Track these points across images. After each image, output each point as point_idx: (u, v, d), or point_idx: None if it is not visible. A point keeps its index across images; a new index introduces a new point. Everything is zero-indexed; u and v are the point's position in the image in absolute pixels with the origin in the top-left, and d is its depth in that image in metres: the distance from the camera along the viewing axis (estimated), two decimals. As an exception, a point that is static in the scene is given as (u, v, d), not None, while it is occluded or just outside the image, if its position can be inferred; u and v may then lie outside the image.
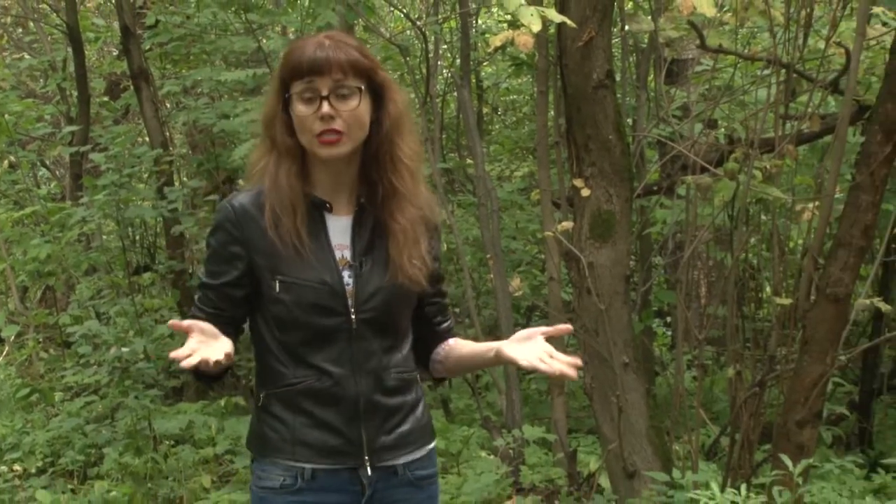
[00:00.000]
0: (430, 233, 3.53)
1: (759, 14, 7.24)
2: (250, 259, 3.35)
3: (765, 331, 7.62)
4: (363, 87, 3.30)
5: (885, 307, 7.01)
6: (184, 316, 10.35)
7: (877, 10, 7.28)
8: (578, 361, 3.23)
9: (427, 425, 3.59)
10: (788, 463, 5.98)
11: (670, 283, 10.76)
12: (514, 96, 13.26)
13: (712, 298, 9.42)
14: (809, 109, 7.32)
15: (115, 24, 10.60)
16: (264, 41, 10.20)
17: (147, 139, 10.41)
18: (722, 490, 5.77)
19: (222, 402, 8.84)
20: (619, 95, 7.46)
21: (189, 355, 2.99)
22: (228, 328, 3.37)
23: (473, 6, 10.01)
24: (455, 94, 10.44)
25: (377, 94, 3.37)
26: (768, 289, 8.54)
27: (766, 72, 7.64)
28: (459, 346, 3.66)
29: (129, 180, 10.10)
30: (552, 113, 8.39)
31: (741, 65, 8.25)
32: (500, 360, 3.43)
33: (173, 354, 3.01)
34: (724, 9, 7.22)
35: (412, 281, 3.38)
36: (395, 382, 3.44)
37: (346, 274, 3.36)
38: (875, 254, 7.44)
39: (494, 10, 10.74)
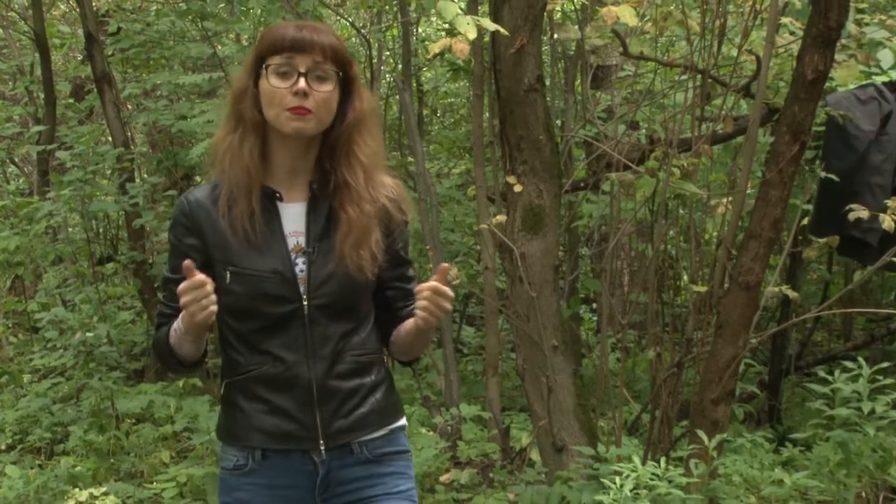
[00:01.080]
0: (389, 226, 3.36)
1: (677, 23, 7.28)
2: (206, 251, 3.21)
3: (682, 316, 7.66)
4: (339, 75, 3.18)
5: (792, 294, 7.06)
6: (144, 304, 10.31)
7: (785, 20, 7.33)
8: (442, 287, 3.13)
9: (390, 406, 3.40)
10: (704, 438, 6.02)
11: (596, 272, 10.80)
12: (452, 99, 13.27)
13: (634, 286, 9.46)
14: (723, 112, 7.35)
15: (80, 31, 10.52)
16: (219, 47, 10.17)
17: (110, 138, 10.32)
18: (643, 463, 5.80)
19: (180, 383, 8.80)
20: (548, 99, 7.47)
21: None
22: None
23: (414, 15, 10.00)
24: (397, 96, 10.43)
25: (347, 88, 3.24)
26: (685, 277, 8.60)
27: (684, 77, 7.67)
28: (399, 327, 3.45)
29: (92, 177, 10.21)
30: (487, 115, 8.41)
31: (661, 70, 8.29)
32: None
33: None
34: (645, 18, 7.23)
35: (357, 270, 3.20)
36: (352, 365, 3.27)
37: (300, 260, 3.22)
38: (783, 245, 7.48)
39: (434, 19, 10.73)
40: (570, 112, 9.20)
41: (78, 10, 10.21)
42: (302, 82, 3.10)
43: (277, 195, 3.24)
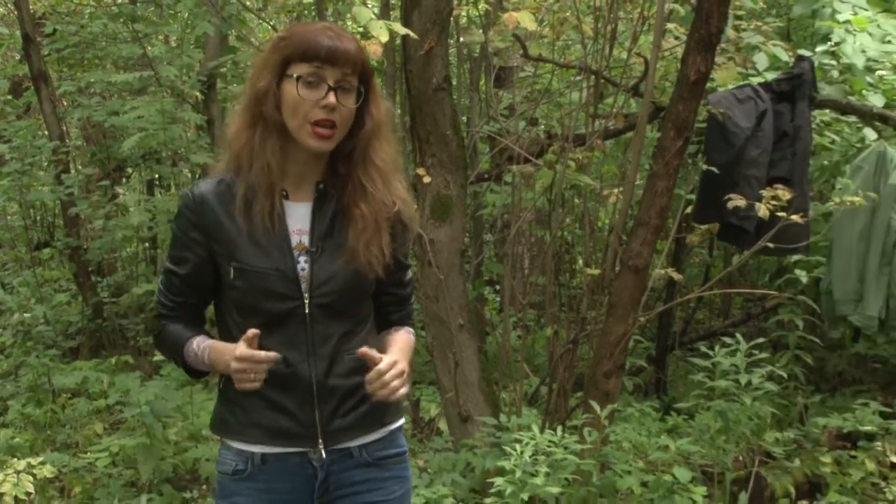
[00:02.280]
0: (396, 230, 3.19)
1: (572, 28, 7.33)
2: (209, 245, 3.04)
3: (577, 296, 7.70)
4: (362, 89, 3.02)
5: (677, 276, 7.12)
6: (79, 286, 10.17)
7: (670, 25, 7.39)
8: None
9: (389, 406, 3.18)
10: (597, 408, 6.06)
11: (498, 257, 10.83)
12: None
13: (534, 269, 9.48)
14: (614, 110, 7.41)
15: (17, 33, 10.38)
16: (149, 48, 10.08)
17: (46, 133, 10.23)
18: (541, 431, 5.84)
19: (113, 361, 8.71)
20: (455, 97, 7.47)
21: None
22: (196, 313, 3.18)
23: (331, 19, 9.95)
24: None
25: (365, 96, 3.05)
26: (580, 261, 8.64)
27: (579, 77, 7.71)
28: (396, 340, 3.28)
29: (30, 168, 10.16)
30: (399, 111, 8.39)
31: (557, 71, 8.32)
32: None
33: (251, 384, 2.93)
34: (544, 23, 7.26)
35: (368, 267, 3.05)
36: (353, 364, 3.05)
37: (302, 259, 3.04)
38: (669, 231, 7.54)
39: (349, 22, 10.68)
40: (475, 109, 9.20)
41: (16, 12, 10.08)
42: (332, 97, 2.93)
43: (284, 193, 3.07)
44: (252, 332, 2.87)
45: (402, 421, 3.28)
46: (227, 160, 3.10)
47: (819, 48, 8.22)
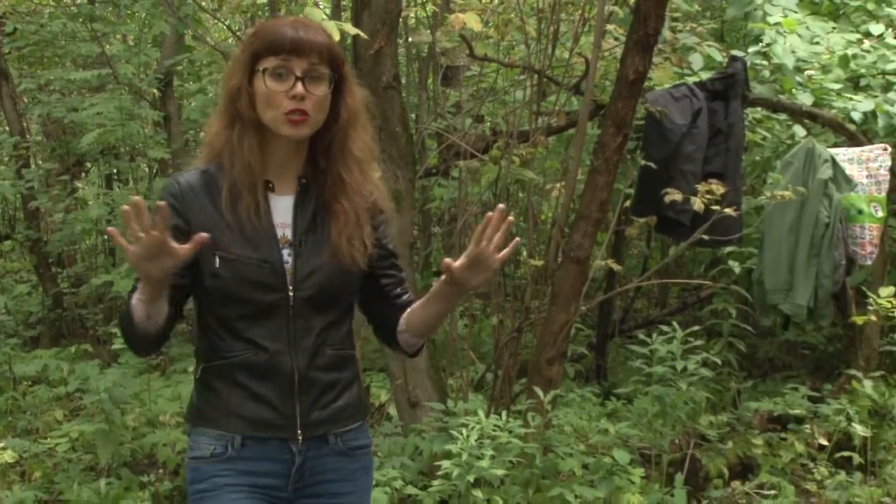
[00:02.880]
0: (375, 220, 3.09)
1: (517, 29, 7.33)
2: (191, 234, 2.76)
3: (521, 287, 7.70)
4: (332, 77, 2.90)
5: (616, 267, 7.16)
6: (39, 278, 10.08)
7: (610, 27, 7.41)
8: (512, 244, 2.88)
9: (361, 402, 3.15)
10: (540, 393, 6.08)
11: (446, 248, 10.82)
12: (318, 94, 13.17)
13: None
14: (556, 107, 7.42)
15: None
16: (107, 47, 10.00)
17: (7, 128, 10.15)
18: (487, 416, 5.84)
19: (73, 349, 8.66)
20: (404, 95, 7.46)
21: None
22: (171, 302, 2.94)
23: (285, 16, 9.90)
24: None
25: (339, 86, 2.95)
26: (524, 252, 8.66)
27: (522, 76, 7.71)
28: (417, 304, 3.13)
29: None
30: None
31: (502, 71, 8.33)
32: (453, 285, 2.95)
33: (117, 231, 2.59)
34: (489, 24, 7.26)
35: (351, 261, 2.95)
36: (332, 359, 2.99)
37: (285, 252, 2.93)
38: (609, 224, 7.56)
39: (301, 22, 10.62)
40: (424, 107, 9.20)
41: None
42: (299, 86, 2.83)
43: (270, 185, 2.97)
44: (162, 203, 2.64)
45: (366, 419, 3.22)
46: (206, 158, 3.00)
47: (751, 49, 8.28)
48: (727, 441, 7.20)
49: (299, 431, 2.96)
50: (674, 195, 6.80)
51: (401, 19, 6.88)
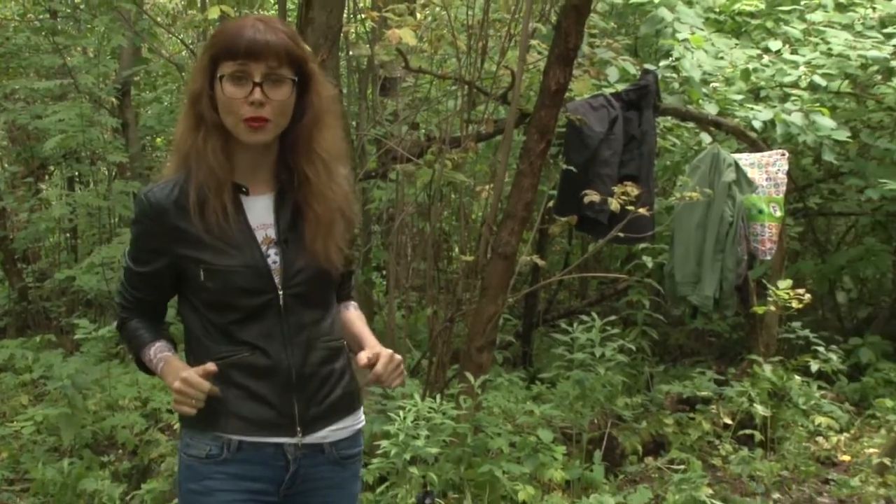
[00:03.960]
0: (345, 222, 2.86)
1: (448, 44, 7.33)
2: (171, 251, 2.71)
3: (454, 280, 7.71)
4: (295, 78, 2.67)
5: (540, 262, 7.18)
6: (6, 273, 9.95)
7: (533, 42, 7.42)
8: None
9: (354, 391, 2.94)
10: (471, 378, 6.09)
11: (385, 245, 10.81)
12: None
13: (416, 256, 9.48)
14: (485, 116, 7.43)
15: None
16: (68, 58, 9.91)
17: (-25, 134, 10.05)
18: (422, 399, 5.84)
19: (37, 339, 8.57)
20: (345, 104, 7.44)
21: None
22: (156, 310, 2.89)
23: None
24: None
25: (303, 85, 2.71)
26: (457, 249, 8.66)
27: (454, 87, 7.72)
28: (354, 322, 3.05)
29: None
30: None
31: (435, 82, 8.33)
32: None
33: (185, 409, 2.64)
34: (423, 39, 7.26)
35: (329, 264, 2.77)
36: (325, 352, 2.82)
37: (272, 252, 2.74)
38: (534, 223, 7.58)
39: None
40: (363, 115, 9.16)
41: None
42: (257, 93, 2.60)
43: (244, 189, 2.75)
44: (211, 367, 2.63)
45: (362, 418, 3.02)
46: (176, 162, 2.78)
47: (662, 63, 8.33)
48: (641, 421, 7.25)
49: (299, 429, 2.78)
50: (592, 196, 6.82)
51: (342, 34, 6.85)
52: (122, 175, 10.29)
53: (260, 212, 2.77)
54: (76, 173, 11.34)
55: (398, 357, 2.83)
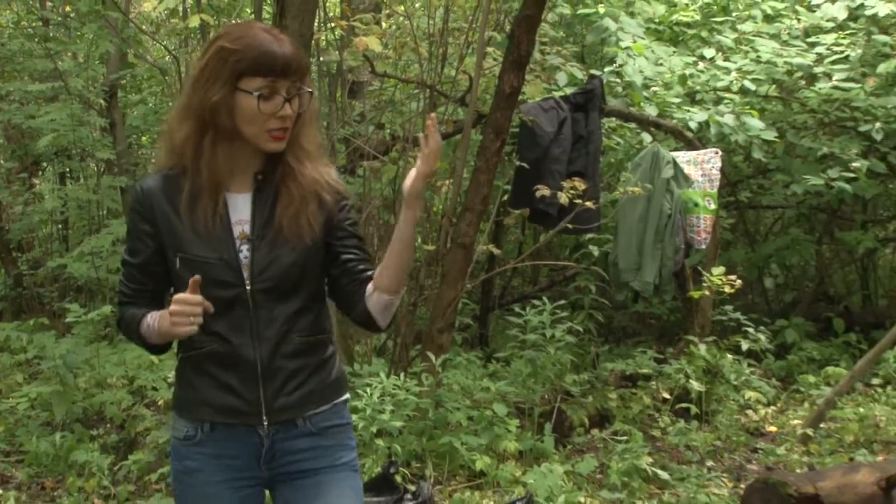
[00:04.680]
0: (339, 204, 2.73)
1: (411, 51, 7.31)
2: (158, 236, 2.64)
3: (416, 268, 7.68)
4: (312, 91, 2.65)
5: (496, 251, 7.18)
6: (2, 260, 9.85)
7: (489, 49, 7.41)
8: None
9: (335, 382, 2.78)
10: (433, 357, 6.08)
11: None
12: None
13: (382, 246, 9.45)
14: (445, 117, 7.42)
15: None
16: (60, 63, 9.82)
17: (-27, 133, 9.95)
18: (388, 377, 5.83)
19: (31, 322, 8.51)
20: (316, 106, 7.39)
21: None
22: (154, 299, 2.75)
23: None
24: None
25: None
26: (419, 239, 8.65)
27: (416, 91, 7.70)
28: (382, 263, 2.75)
29: None
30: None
31: (399, 86, 8.30)
32: (414, 199, 2.65)
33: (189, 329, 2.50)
34: (388, 47, 7.23)
35: (296, 239, 2.63)
36: (300, 346, 2.68)
37: (244, 248, 2.63)
38: (490, 215, 7.58)
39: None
40: (333, 116, 9.11)
41: None
42: (288, 108, 2.56)
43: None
44: (195, 277, 2.49)
45: (346, 395, 2.85)
46: (168, 159, 2.69)
47: (607, 69, 8.33)
48: (588, 396, 7.27)
49: (265, 417, 2.67)
50: (543, 191, 6.83)
51: (313, 41, 6.81)
52: (109, 171, 10.20)
53: (239, 208, 2.68)
54: (67, 169, 11.23)
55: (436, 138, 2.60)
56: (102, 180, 9.94)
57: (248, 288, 2.63)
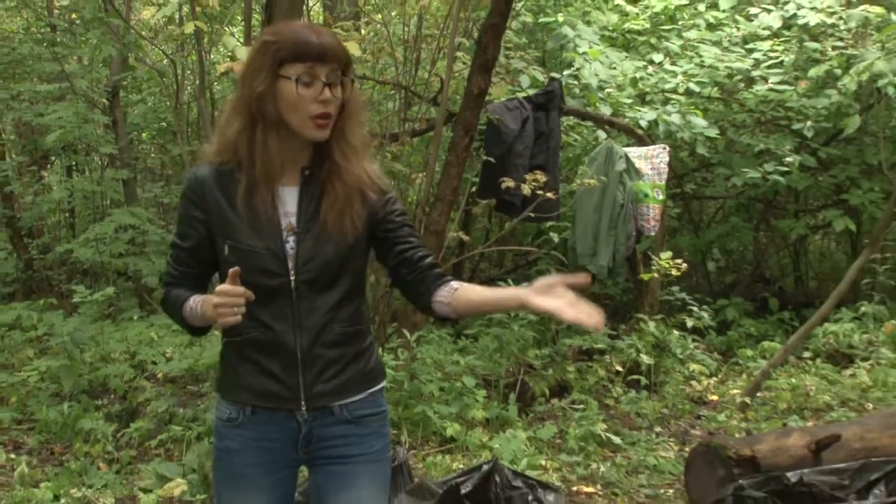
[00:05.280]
0: (384, 198, 2.60)
1: (388, 55, 7.27)
2: (208, 223, 2.54)
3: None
4: (352, 79, 2.54)
5: (465, 238, 7.17)
6: (14, 246, 9.77)
7: (459, 54, 7.40)
8: (598, 314, 2.39)
9: (371, 371, 2.66)
10: (407, 334, 6.07)
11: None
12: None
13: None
14: (419, 115, 7.39)
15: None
16: (66, 66, 9.75)
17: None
18: (367, 352, 5.82)
19: (41, 302, 8.46)
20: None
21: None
22: (199, 283, 2.66)
23: (207, 43, 9.73)
24: (196, 102, 10.14)
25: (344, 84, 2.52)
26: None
27: (392, 92, 7.67)
28: (469, 290, 2.58)
29: None
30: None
31: (377, 87, 8.26)
32: (524, 308, 2.43)
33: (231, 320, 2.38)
34: (366, 51, 7.19)
35: (339, 236, 2.52)
36: (338, 336, 2.56)
37: (290, 239, 2.51)
38: (460, 205, 7.56)
39: (221, 48, 10.43)
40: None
41: None
42: (327, 92, 2.43)
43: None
44: (235, 269, 2.39)
45: (383, 383, 2.73)
46: (220, 155, 2.57)
47: (565, 72, 8.34)
48: (548, 368, 7.27)
49: (303, 403, 2.56)
50: (508, 183, 6.83)
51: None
52: (112, 164, 10.17)
53: (286, 201, 2.55)
54: (73, 163, 11.17)
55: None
56: (106, 173, 9.94)
57: (292, 278, 2.52)
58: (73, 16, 10.27)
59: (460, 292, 2.56)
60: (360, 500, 2.63)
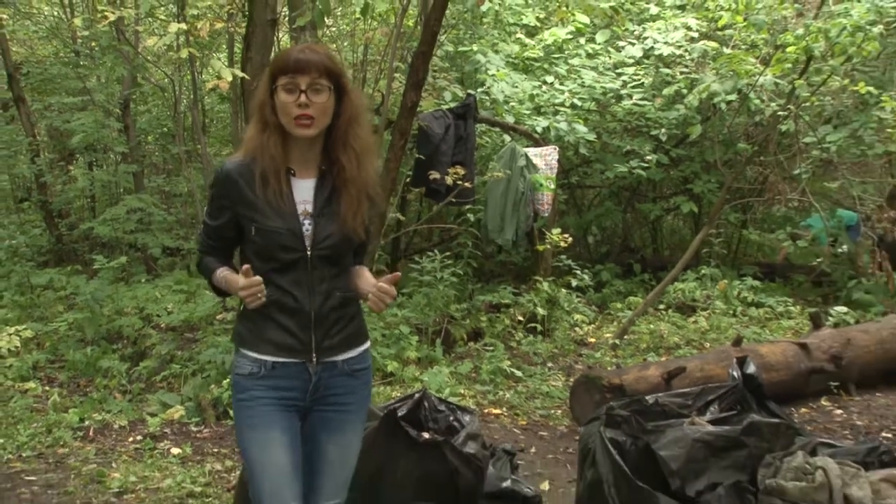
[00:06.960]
0: (370, 203, 2.59)
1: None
2: (234, 210, 2.48)
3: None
4: (331, 87, 2.43)
5: (402, 217, 7.09)
6: (47, 225, 9.49)
7: (397, 75, 7.31)
8: (379, 305, 2.47)
9: (362, 330, 2.64)
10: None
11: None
12: (222, 114, 12.67)
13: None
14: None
15: (4, 72, 9.66)
16: (87, 83, 9.53)
17: (24, 132, 9.61)
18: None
19: (69, 269, 8.34)
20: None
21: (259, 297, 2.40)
22: (225, 252, 2.60)
23: (199, 66, 9.50)
24: (190, 111, 9.91)
25: (340, 93, 2.46)
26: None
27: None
28: (362, 271, 2.67)
29: (14, 154, 9.76)
30: (242, 123, 8.06)
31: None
32: (363, 294, 2.56)
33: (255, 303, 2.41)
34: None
35: (353, 232, 2.50)
36: (339, 300, 2.52)
37: (307, 222, 2.46)
38: (398, 192, 7.49)
39: (209, 69, 10.20)
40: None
41: (4, 60, 9.47)
42: (303, 97, 2.38)
43: (292, 172, 2.48)
44: (245, 267, 2.41)
45: (368, 344, 2.69)
46: (244, 153, 2.50)
47: (479, 89, 8.28)
48: (466, 319, 7.26)
49: (314, 355, 2.50)
50: (435, 175, 6.79)
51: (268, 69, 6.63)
52: (124, 160, 9.96)
53: (303, 191, 2.49)
54: (94, 159, 10.97)
55: (391, 290, 2.48)
56: (119, 167, 9.88)
57: (308, 253, 2.47)
58: (93, 44, 10.03)
59: (357, 270, 2.64)
60: (349, 444, 2.61)
